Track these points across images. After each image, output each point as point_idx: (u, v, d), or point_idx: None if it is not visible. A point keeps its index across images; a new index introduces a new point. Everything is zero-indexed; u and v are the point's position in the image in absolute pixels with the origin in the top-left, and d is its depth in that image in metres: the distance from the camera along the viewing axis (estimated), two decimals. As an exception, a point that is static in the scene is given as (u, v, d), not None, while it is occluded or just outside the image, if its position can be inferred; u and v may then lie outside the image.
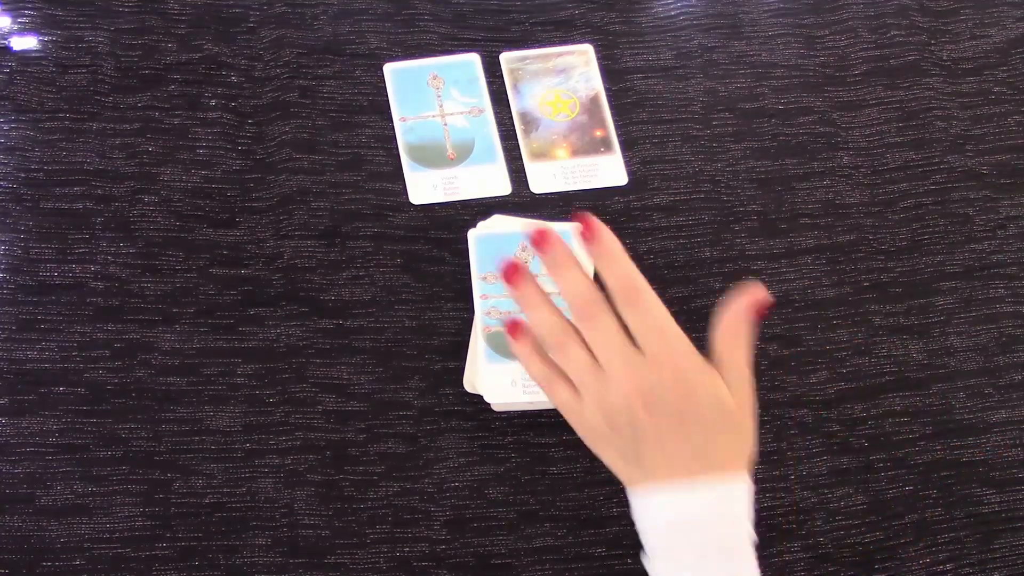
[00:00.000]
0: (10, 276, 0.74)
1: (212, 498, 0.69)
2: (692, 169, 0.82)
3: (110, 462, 0.69)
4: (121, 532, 0.68)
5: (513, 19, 0.87)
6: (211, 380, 0.72)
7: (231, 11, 0.85)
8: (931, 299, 0.78)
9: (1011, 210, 0.81)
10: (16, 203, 0.76)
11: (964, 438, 0.73)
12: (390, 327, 0.75)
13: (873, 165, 0.83)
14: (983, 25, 0.89)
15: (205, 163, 0.79)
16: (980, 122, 0.85)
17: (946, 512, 0.71)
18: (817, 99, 0.85)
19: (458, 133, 0.82)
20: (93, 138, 0.79)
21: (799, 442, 0.73)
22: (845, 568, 0.69)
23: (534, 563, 0.69)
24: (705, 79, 0.85)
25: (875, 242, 0.80)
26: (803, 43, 0.87)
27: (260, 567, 0.67)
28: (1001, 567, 0.70)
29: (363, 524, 0.69)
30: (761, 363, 0.75)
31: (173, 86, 0.82)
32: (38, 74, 0.81)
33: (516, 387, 0.70)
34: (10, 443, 0.69)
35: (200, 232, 0.77)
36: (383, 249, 0.77)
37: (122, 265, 0.75)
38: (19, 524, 0.67)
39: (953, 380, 0.75)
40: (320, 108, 0.82)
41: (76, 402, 0.71)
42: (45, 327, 0.73)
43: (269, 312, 0.75)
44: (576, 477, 0.71)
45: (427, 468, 0.71)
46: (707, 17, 0.88)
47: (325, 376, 0.73)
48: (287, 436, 0.71)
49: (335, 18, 0.85)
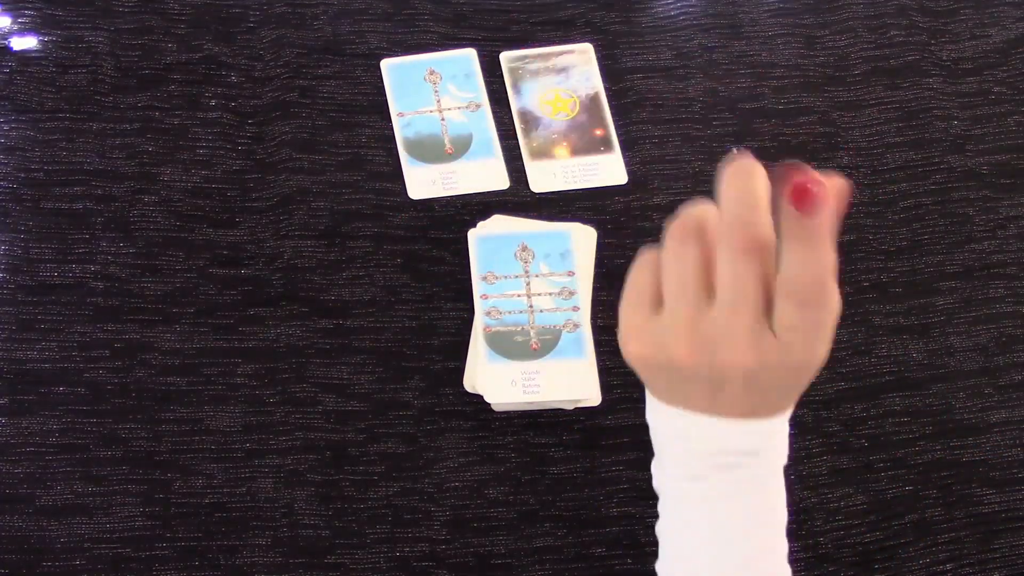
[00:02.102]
0: (10, 276, 0.74)
1: (212, 498, 0.69)
2: (692, 169, 0.82)
3: (110, 462, 0.69)
4: (121, 532, 0.68)
5: (513, 19, 0.87)
6: (211, 380, 0.72)
7: (231, 11, 0.85)
8: (931, 299, 0.78)
9: (1011, 210, 0.81)
10: (16, 203, 0.76)
11: (964, 438, 0.73)
12: (390, 327, 0.75)
13: (873, 165, 0.83)
14: (983, 25, 0.89)
15: (205, 163, 0.79)
16: (980, 122, 0.85)
17: (946, 512, 0.71)
18: (817, 99, 0.85)
19: (456, 128, 0.82)
20: (93, 138, 0.79)
21: (799, 442, 0.73)
22: (845, 568, 0.69)
23: (534, 563, 0.69)
24: (705, 79, 0.85)
25: (875, 242, 0.80)
26: (803, 43, 0.87)
27: (260, 567, 0.67)
28: (1001, 567, 0.70)
29: (363, 524, 0.69)
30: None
31: (173, 86, 0.82)
32: (38, 74, 0.81)
33: (516, 387, 0.70)
34: (10, 443, 0.69)
35: (200, 232, 0.77)
36: (383, 249, 0.77)
37: (122, 265, 0.75)
38: (19, 524, 0.67)
39: (953, 380, 0.75)
40: (320, 108, 0.82)
41: (76, 402, 0.71)
42: (45, 327, 0.73)
43: (269, 312, 0.75)
44: (576, 477, 0.71)
45: (427, 468, 0.71)
46: (707, 17, 0.88)
47: (325, 376, 0.73)
48: (287, 436, 0.71)
49: (335, 18, 0.85)
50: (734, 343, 0.44)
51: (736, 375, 0.44)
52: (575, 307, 0.73)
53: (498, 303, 0.73)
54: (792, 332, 0.44)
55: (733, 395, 0.45)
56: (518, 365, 0.71)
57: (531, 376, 0.71)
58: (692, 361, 0.45)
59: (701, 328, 0.45)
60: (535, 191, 0.80)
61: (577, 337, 0.72)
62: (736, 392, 0.45)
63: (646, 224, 0.79)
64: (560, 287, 0.74)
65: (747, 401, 0.45)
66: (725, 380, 0.45)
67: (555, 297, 0.73)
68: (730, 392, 0.45)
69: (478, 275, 0.74)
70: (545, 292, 0.73)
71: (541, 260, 0.74)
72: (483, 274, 0.74)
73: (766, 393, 0.45)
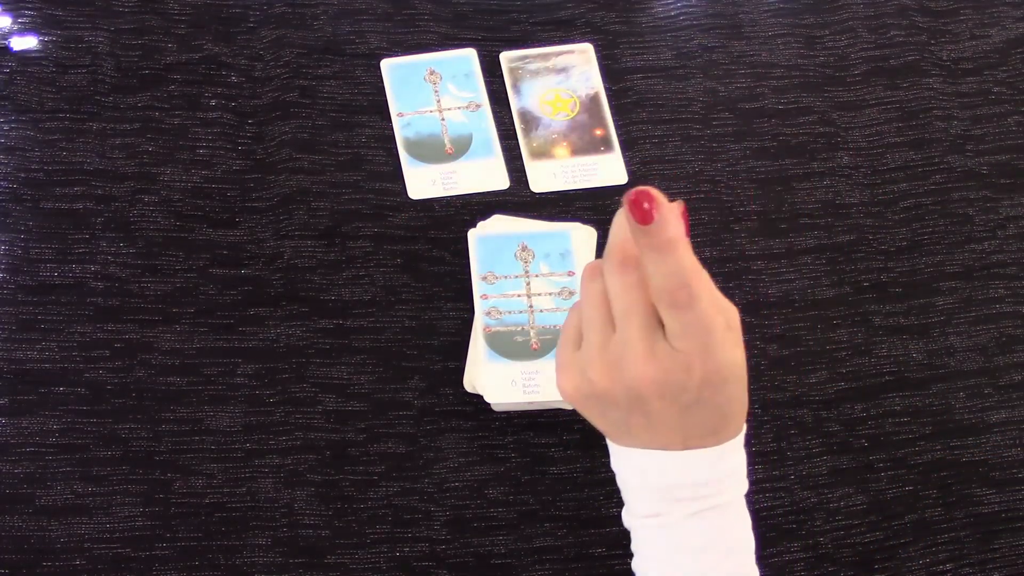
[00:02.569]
0: (10, 276, 0.74)
1: (212, 498, 0.69)
2: (692, 169, 0.82)
3: (110, 462, 0.69)
4: (121, 532, 0.68)
5: (513, 19, 0.87)
6: (211, 380, 0.72)
7: (231, 11, 0.85)
8: (931, 299, 0.78)
9: (1011, 210, 0.81)
10: (16, 203, 0.76)
11: (964, 438, 0.73)
12: (390, 327, 0.75)
13: (873, 165, 0.83)
14: (983, 25, 0.89)
15: (205, 163, 0.79)
16: (980, 122, 0.85)
17: (946, 512, 0.71)
18: (817, 99, 0.85)
19: (456, 128, 0.82)
20: (93, 138, 0.79)
21: (799, 442, 0.73)
22: (845, 568, 0.69)
23: (534, 563, 0.69)
24: (705, 79, 0.85)
25: (875, 242, 0.80)
26: (803, 43, 0.87)
27: (260, 567, 0.67)
28: (1001, 567, 0.70)
29: (363, 524, 0.69)
30: (761, 363, 0.75)
31: (173, 86, 0.82)
32: (38, 74, 0.81)
33: (516, 387, 0.70)
34: (10, 443, 0.69)
35: (200, 232, 0.77)
36: (383, 249, 0.77)
37: (122, 265, 0.75)
38: (19, 524, 0.67)
39: (953, 380, 0.75)
40: (320, 108, 0.82)
41: (76, 402, 0.71)
42: (45, 327, 0.73)
43: (269, 312, 0.75)
44: (576, 477, 0.71)
45: (427, 468, 0.71)
46: (707, 17, 0.88)
47: (325, 376, 0.73)
48: (287, 436, 0.71)
49: (335, 18, 0.85)
50: (635, 356, 0.46)
51: (648, 390, 0.47)
52: (575, 307, 0.73)
53: (498, 303, 0.73)
54: (680, 339, 0.46)
55: (664, 419, 0.48)
56: (518, 365, 0.71)
57: (531, 376, 0.71)
58: (608, 382, 0.48)
59: (608, 350, 0.48)
60: (535, 191, 0.80)
61: (577, 337, 0.72)
62: (664, 413, 0.47)
63: (646, 224, 0.79)
64: (560, 287, 0.74)
65: (681, 424, 0.48)
66: (643, 398, 0.47)
67: (555, 297, 0.73)
68: (658, 414, 0.47)
69: (478, 275, 0.74)
70: (545, 292, 0.73)
71: (541, 260, 0.74)
72: (483, 274, 0.74)
73: (695, 412, 0.47)
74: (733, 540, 0.50)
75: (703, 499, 0.49)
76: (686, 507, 0.49)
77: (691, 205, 0.80)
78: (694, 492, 0.49)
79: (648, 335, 0.46)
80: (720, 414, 0.48)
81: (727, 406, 0.48)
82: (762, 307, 0.77)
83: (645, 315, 0.46)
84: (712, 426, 0.48)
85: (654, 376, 0.46)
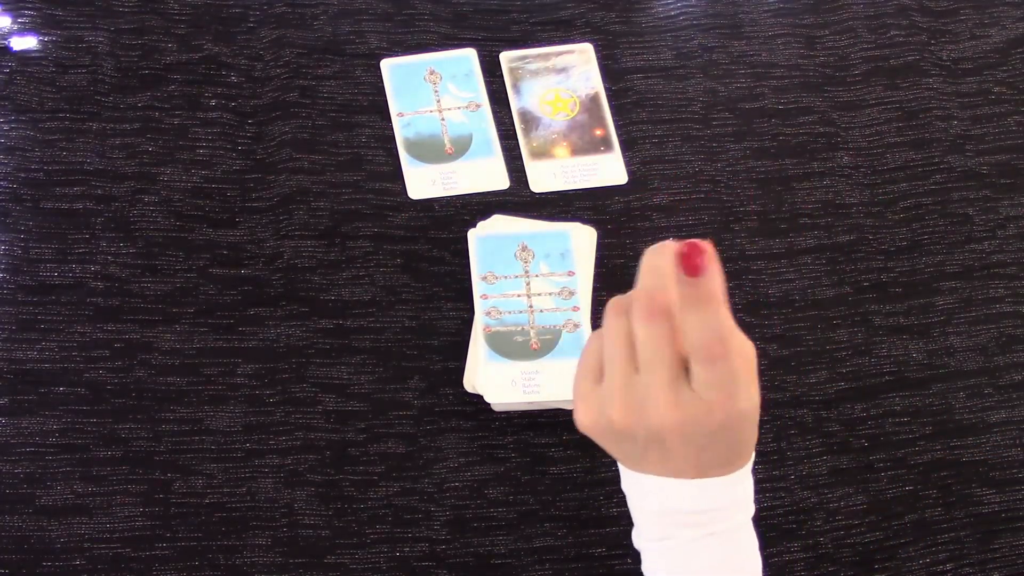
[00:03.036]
0: (10, 276, 0.74)
1: (212, 498, 0.69)
2: (692, 169, 0.82)
3: (110, 462, 0.69)
4: (121, 532, 0.68)
5: (513, 19, 0.87)
6: (211, 380, 0.72)
7: (231, 11, 0.85)
8: (931, 299, 0.78)
9: (1011, 210, 0.81)
10: (16, 203, 0.76)
11: (964, 438, 0.73)
12: (390, 327, 0.75)
13: (873, 165, 0.83)
14: (983, 25, 0.89)
15: (205, 163, 0.79)
16: (980, 122, 0.85)
17: (946, 512, 0.71)
18: (817, 99, 0.85)
19: (456, 128, 0.82)
20: (93, 138, 0.79)
21: (799, 442, 0.73)
22: (845, 568, 0.69)
23: (534, 563, 0.69)
24: (705, 79, 0.85)
25: (875, 242, 0.80)
26: (803, 43, 0.87)
27: (260, 567, 0.67)
28: (1001, 567, 0.70)
29: (363, 524, 0.69)
30: (761, 363, 0.74)
31: (173, 86, 0.82)
32: (38, 74, 0.81)
33: (516, 387, 0.70)
34: (10, 443, 0.69)
35: (200, 232, 0.77)
36: (383, 249, 0.77)
37: (122, 265, 0.75)
38: (19, 524, 0.67)
39: (953, 380, 0.75)
40: (320, 108, 0.82)
41: (76, 402, 0.71)
42: (45, 327, 0.73)
43: (269, 312, 0.75)
44: (576, 477, 0.71)
45: (427, 468, 0.71)
46: (707, 17, 0.88)
47: (325, 376, 0.73)
48: (287, 436, 0.71)
49: (335, 18, 0.85)
50: (657, 402, 0.47)
51: (670, 433, 0.47)
52: (575, 307, 0.73)
53: (498, 303, 0.73)
54: (709, 389, 0.47)
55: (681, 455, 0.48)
56: (518, 365, 0.71)
57: (531, 376, 0.71)
58: (627, 422, 0.48)
59: (631, 391, 0.48)
60: (535, 191, 0.80)
61: (577, 337, 0.72)
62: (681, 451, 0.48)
63: (646, 224, 0.79)
64: (560, 287, 0.74)
65: (697, 459, 0.49)
66: (662, 439, 0.48)
67: (555, 297, 0.73)
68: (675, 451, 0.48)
69: (478, 275, 0.74)
70: (545, 292, 0.73)
71: (541, 260, 0.74)
72: (483, 274, 0.74)
73: (711, 450, 0.49)
74: (741, 562, 0.51)
75: (713, 524, 0.50)
76: (696, 531, 0.50)
77: (691, 205, 0.80)
78: (705, 517, 0.50)
79: (674, 384, 0.47)
80: (736, 450, 0.50)
81: (742, 443, 0.50)
82: (762, 307, 0.77)
83: (672, 365, 0.47)
84: (726, 459, 0.50)
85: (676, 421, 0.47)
